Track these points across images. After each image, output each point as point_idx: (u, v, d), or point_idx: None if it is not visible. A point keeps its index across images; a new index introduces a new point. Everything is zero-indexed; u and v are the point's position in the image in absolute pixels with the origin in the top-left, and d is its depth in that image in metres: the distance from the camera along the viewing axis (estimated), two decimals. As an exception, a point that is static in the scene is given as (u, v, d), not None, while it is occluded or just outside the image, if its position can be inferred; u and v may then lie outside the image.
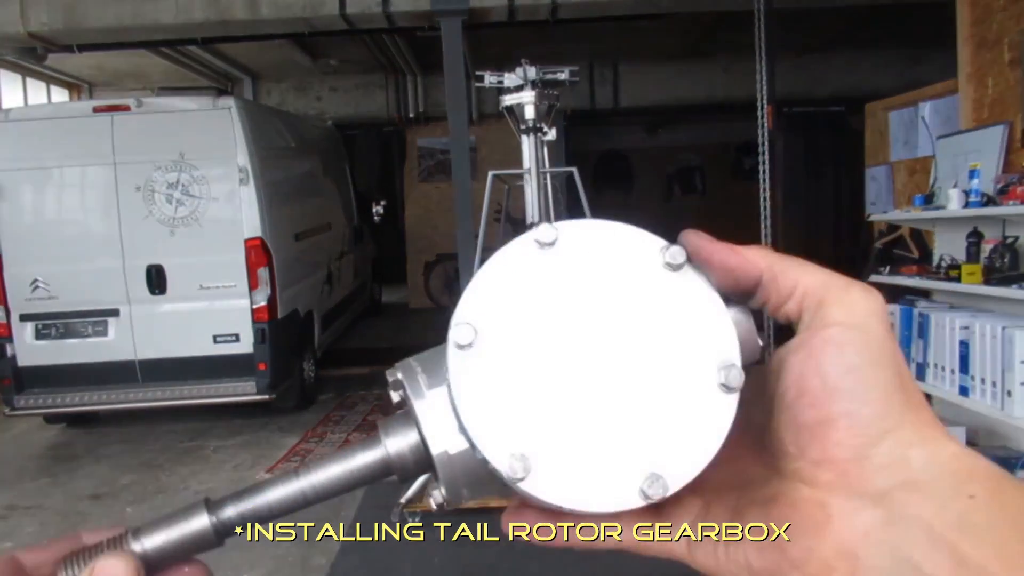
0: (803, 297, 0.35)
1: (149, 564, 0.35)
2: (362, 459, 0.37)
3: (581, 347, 0.34)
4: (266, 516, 0.37)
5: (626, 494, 0.33)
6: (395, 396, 0.37)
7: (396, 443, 0.36)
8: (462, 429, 0.34)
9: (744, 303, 0.36)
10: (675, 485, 0.34)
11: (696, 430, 0.34)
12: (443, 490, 0.36)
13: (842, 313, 0.33)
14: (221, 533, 0.36)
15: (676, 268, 0.35)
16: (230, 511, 0.36)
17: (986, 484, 0.30)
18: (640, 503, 0.33)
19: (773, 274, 0.35)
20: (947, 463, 0.31)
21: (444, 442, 0.35)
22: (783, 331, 0.37)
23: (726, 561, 0.35)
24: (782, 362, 0.35)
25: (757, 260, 0.36)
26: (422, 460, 0.36)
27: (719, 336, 0.35)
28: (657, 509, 0.35)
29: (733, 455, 0.36)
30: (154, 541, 0.36)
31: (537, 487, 0.33)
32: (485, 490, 0.35)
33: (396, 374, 0.37)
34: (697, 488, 0.36)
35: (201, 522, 0.36)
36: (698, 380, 0.34)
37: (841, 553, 0.32)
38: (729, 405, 0.34)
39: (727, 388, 0.34)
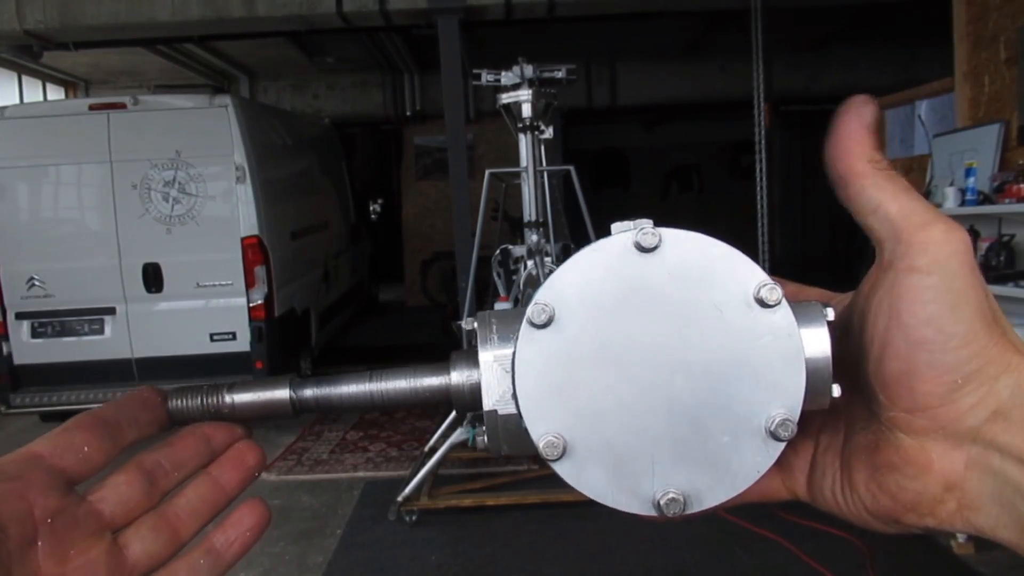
0: (883, 222, 0.35)
1: (223, 414, 0.41)
2: (428, 380, 0.40)
3: (649, 358, 0.35)
4: (336, 406, 0.41)
5: (643, 503, 0.36)
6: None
7: (459, 377, 0.39)
8: (515, 397, 0.36)
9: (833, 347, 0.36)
10: (690, 508, 0.36)
11: (730, 467, 0.35)
12: (486, 439, 0.38)
13: (921, 257, 0.33)
14: (298, 407, 0.40)
15: (768, 306, 0.35)
16: (308, 392, 0.40)
17: None
18: (653, 514, 0.36)
19: (860, 186, 0.35)
20: None
21: (496, 401, 0.37)
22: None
23: (845, 505, 0.38)
24: (866, 307, 0.35)
25: (855, 167, 0.35)
26: (476, 402, 0.38)
27: (787, 384, 0.35)
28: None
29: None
30: (240, 397, 0.41)
31: (566, 472, 0.36)
32: (523, 450, 0.37)
33: (472, 323, 0.39)
34: (807, 426, 0.39)
35: (282, 393, 0.40)
36: (750, 421, 0.35)
37: (948, 487, 0.35)
38: (771, 453, 0.35)
39: (775, 437, 0.35)
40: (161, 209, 5.66)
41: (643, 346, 0.35)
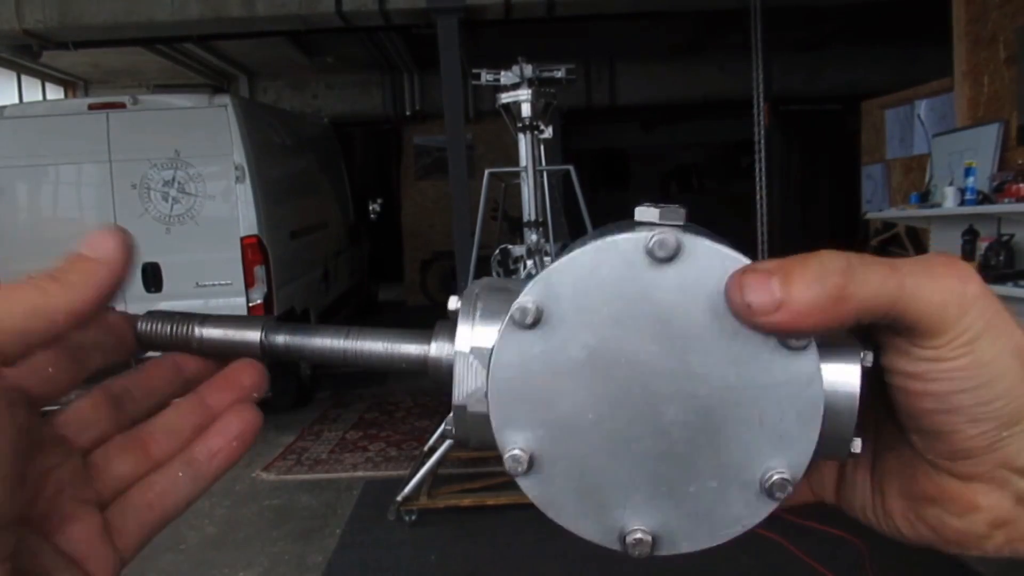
0: (890, 321, 0.30)
1: (191, 346, 0.38)
2: (406, 348, 0.36)
3: (642, 380, 0.31)
4: (307, 357, 0.38)
5: (608, 535, 0.33)
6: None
7: (439, 350, 0.35)
8: (486, 397, 0.33)
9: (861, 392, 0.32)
10: (660, 551, 0.33)
11: (712, 515, 0.32)
12: (454, 429, 0.35)
13: (948, 335, 0.30)
14: (268, 351, 0.37)
15: (794, 349, 0.30)
16: (280, 338, 0.37)
17: None
18: (617, 548, 0.33)
19: (840, 317, 0.29)
20: None
21: (467, 396, 0.33)
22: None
23: (879, 524, 0.36)
24: (892, 375, 0.32)
25: (812, 310, 0.29)
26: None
27: (795, 441, 0.31)
28: None
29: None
30: (210, 332, 0.38)
31: (530, 488, 0.33)
32: (491, 447, 0.34)
33: (457, 303, 0.35)
34: None
35: (253, 335, 0.37)
36: (744, 471, 0.31)
37: (996, 524, 0.33)
38: (760, 511, 0.32)
39: (768, 495, 0.31)
40: (160, 209, 5.66)
41: (638, 366, 0.31)
